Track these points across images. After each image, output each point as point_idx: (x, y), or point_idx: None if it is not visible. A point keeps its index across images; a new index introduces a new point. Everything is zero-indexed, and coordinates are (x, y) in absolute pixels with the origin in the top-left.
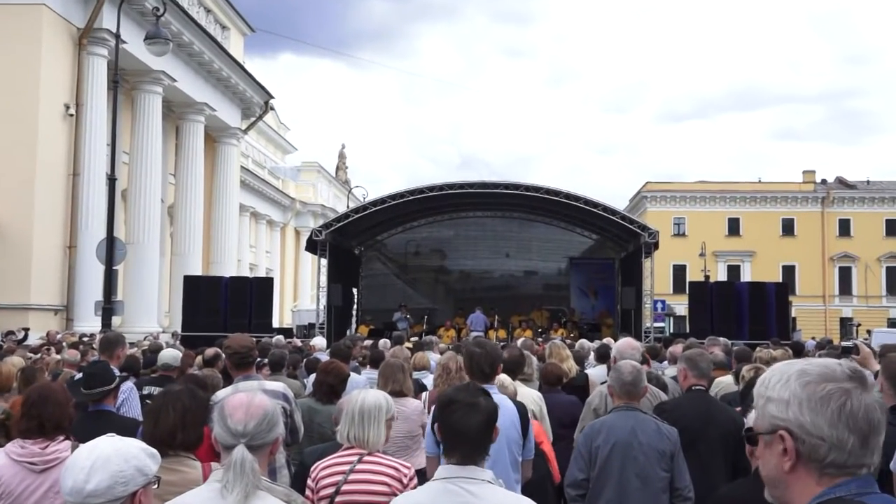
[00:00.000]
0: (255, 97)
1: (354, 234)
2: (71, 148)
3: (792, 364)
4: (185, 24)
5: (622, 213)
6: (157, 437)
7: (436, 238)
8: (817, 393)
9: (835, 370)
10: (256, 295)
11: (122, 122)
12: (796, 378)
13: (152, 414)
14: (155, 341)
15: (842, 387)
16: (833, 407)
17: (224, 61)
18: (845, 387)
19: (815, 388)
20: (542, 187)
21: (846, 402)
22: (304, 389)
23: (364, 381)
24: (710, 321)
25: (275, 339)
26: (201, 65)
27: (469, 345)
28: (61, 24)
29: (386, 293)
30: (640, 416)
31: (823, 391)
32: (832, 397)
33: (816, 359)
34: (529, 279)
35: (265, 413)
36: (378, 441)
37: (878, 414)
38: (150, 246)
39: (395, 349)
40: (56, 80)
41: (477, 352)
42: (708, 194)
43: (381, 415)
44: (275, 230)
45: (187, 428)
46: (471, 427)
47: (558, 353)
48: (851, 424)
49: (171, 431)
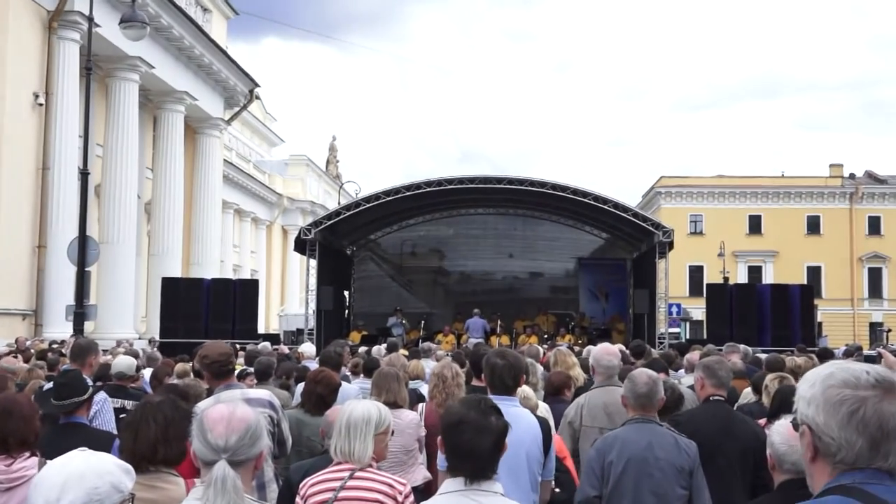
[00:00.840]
0: (239, 85)
1: (346, 232)
2: (40, 140)
3: (828, 366)
4: (164, 6)
5: (634, 210)
6: (138, 452)
7: (434, 237)
8: (833, 397)
9: (859, 377)
10: (240, 298)
11: (96, 113)
12: (822, 381)
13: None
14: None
15: (858, 394)
16: (844, 411)
17: (205, 46)
18: (862, 394)
19: (833, 392)
20: (548, 182)
21: (859, 408)
22: (291, 400)
23: (356, 391)
24: (730, 327)
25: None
26: (181, 50)
27: (490, 356)
28: (30, 7)
29: (380, 296)
30: (657, 430)
31: (839, 396)
32: (845, 402)
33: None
34: (534, 281)
35: (248, 426)
36: (364, 455)
37: (893, 422)
38: (125, 246)
39: (390, 357)
40: (24, 66)
41: (499, 363)
42: (727, 190)
43: (368, 427)
44: (260, 228)
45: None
46: (481, 450)
47: (564, 360)
48: (861, 429)
49: (153, 445)
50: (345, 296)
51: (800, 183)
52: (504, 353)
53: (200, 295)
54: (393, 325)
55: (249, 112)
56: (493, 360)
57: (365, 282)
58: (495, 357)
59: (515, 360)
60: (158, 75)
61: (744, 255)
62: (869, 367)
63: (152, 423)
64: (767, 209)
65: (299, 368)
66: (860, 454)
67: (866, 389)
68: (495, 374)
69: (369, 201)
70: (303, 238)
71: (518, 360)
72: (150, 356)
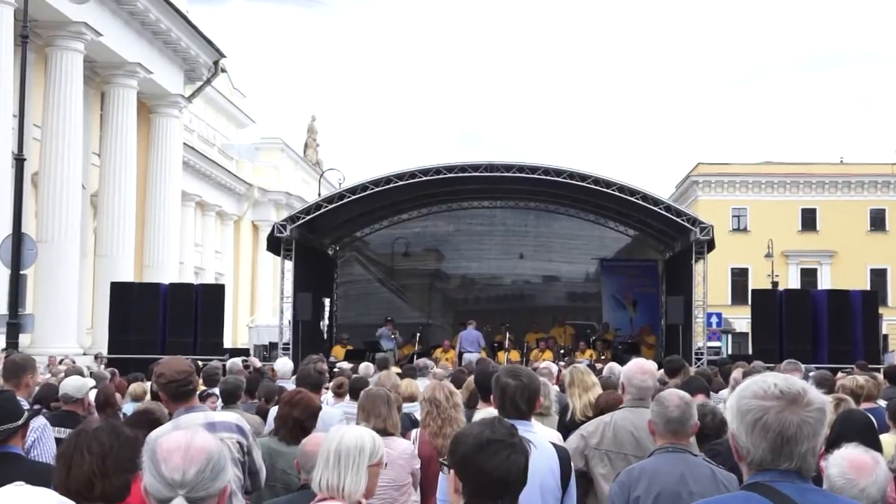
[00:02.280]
0: (202, 56)
1: (328, 229)
2: None
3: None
4: None
5: (667, 203)
6: (71, 489)
7: (431, 235)
8: (743, 407)
9: (767, 388)
10: (203, 307)
11: (33, 88)
12: (738, 392)
13: (63, 460)
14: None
15: (762, 404)
16: (749, 420)
17: (162, 11)
18: (766, 404)
19: (743, 402)
20: (565, 170)
21: (762, 417)
22: (263, 425)
23: (339, 415)
24: (779, 340)
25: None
26: (133, 15)
27: (501, 374)
28: None
29: (367, 304)
30: (691, 460)
31: (746, 406)
32: (751, 412)
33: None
34: (549, 287)
35: (209, 456)
36: (356, 490)
37: (793, 429)
38: (67, 245)
39: (379, 375)
40: None
41: (511, 384)
42: (776, 178)
43: (362, 458)
44: (227, 224)
45: (108, 475)
46: (516, 472)
47: (581, 379)
48: (763, 435)
49: (88, 480)
50: (326, 304)
51: (862, 171)
52: (517, 372)
53: (156, 303)
54: (383, 337)
55: (214, 87)
56: (505, 379)
57: (350, 287)
58: (507, 376)
59: (530, 380)
60: (106, 44)
61: (796, 255)
62: (779, 379)
63: (86, 455)
64: (823, 201)
65: (273, 389)
66: (764, 457)
67: (770, 400)
68: (507, 396)
69: (355, 192)
70: (277, 236)
71: (533, 380)
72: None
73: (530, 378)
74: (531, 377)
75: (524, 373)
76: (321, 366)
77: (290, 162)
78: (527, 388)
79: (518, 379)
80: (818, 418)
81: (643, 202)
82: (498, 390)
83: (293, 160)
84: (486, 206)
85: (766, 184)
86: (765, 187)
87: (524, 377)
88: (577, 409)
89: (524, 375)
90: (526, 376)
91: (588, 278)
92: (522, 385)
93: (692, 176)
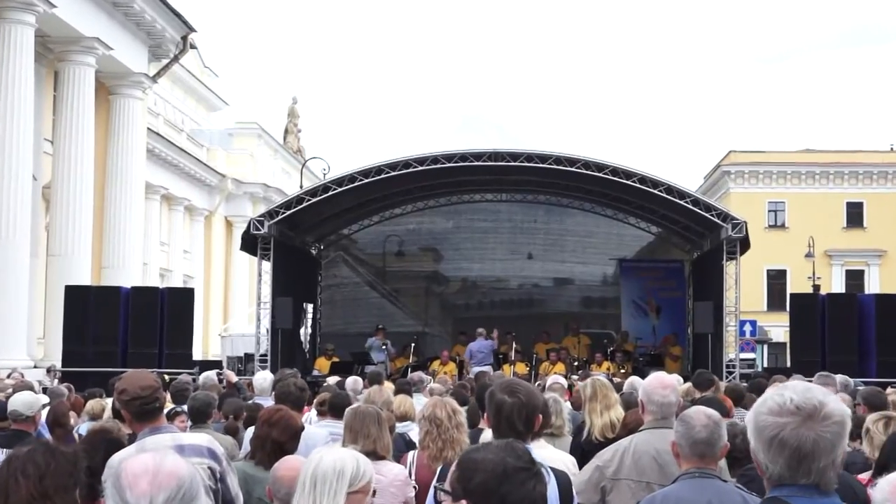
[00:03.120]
0: (169, 30)
1: (311, 225)
2: None
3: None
4: None
5: (695, 196)
6: None
7: (427, 232)
8: (759, 423)
9: (783, 404)
10: (170, 313)
11: None
12: (755, 408)
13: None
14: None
15: (778, 420)
16: (766, 436)
17: None
18: (782, 421)
19: (760, 418)
20: (579, 159)
21: (778, 433)
22: (238, 448)
23: (325, 436)
24: (822, 351)
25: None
26: None
27: (495, 390)
28: None
29: (356, 311)
30: (720, 486)
31: (762, 422)
32: (767, 428)
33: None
34: (562, 291)
35: (179, 482)
36: None
37: (809, 445)
38: (16, 243)
39: (369, 391)
40: None
41: (506, 401)
42: (817, 168)
43: (340, 483)
44: (197, 220)
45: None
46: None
47: (605, 394)
48: (779, 451)
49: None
50: (309, 310)
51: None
52: (513, 387)
53: (117, 309)
54: (373, 348)
55: (182, 66)
56: (500, 395)
57: (336, 292)
58: (502, 392)
59: (528, 397)
60: (60, 17)
61: (840, 255)
62: (796, 393)
63: (21, 479)
64: (871, 194)
65: (240, 405)
66: (783, 473)
67: (786, 416)
68: (502, 415)
69: (341, 184)
70: (253, 233)
71: (532, 397)
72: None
73: (529, 394)
74: (530, 393)
75: (522, 388)
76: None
77: (268, 150)
78: (525, 405)
79: (515, 395)
80: (836, 432)
81: (667, 195)
82: (492, 408)
83: (272, 148)
84: (490, 200)
85: (806, 174)
86: (805, 178)
87: (522, 393)
88: (595, 427)
89: (522, 391)
90: (524, 392)
91: (605, 281)
92: (520, 403)
93: (723, 166)
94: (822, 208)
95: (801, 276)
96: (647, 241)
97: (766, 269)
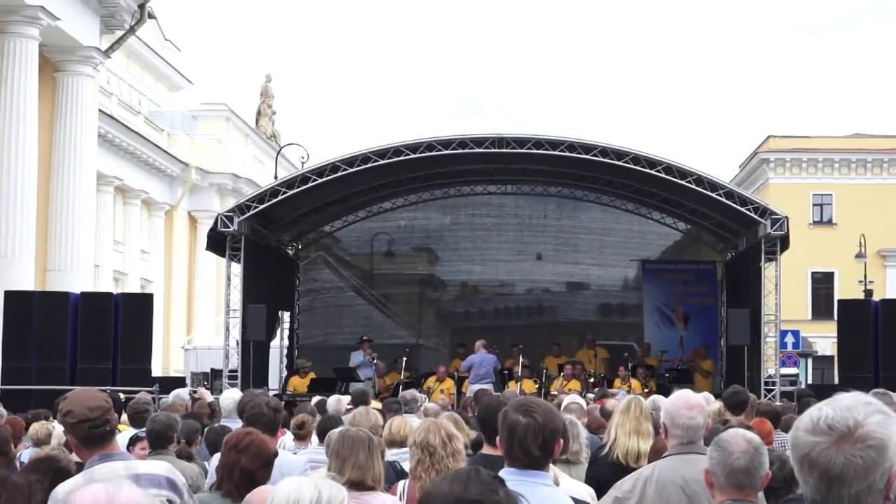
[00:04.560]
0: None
1: (288, 222)
2: None
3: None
4: None
5: (729, 188)
6: None
7: (421, 229)
8: (794, 440)
9: (816, 422)
10: (126, 323)
11: None
12: (795, 424)
13: None
14: None
15: (811, 439)
16: (798, 455)
17: None
18: (813, 440)
19: (795, 435)
20: (596, 145)
21: (808, 452)
22: (203, 477)
23: (302, 464)
24: (874, 365)
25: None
26: None
27: (509, 410)
28: None
29: (339, 320)
30: None
31: (796, 440)
32: (799, 446)
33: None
34: (575, 297)
35: None
36: None
37: (837, 469)
38: None
39: (355, 413)
40: None
41: (521, 423)
42: (869, 156)
43: None
44: (156, 216)
45: None
46: None
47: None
48: (808, 471)
49: None
50: (285, 319)
51: None
52: (528, 406)
53: (64, 318)
54: (359, 364)
55: (139, 38)
56: (513, 415)
57: (316, 298)
58: (516, 411)
59: (546, 417)
60: None
61: (895, 255)
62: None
63: None
64: None
65: (194, 427)
66: (814, 496)
67: (819, 435)
68: (514, 438)
69: (322, 174)
70: (221, 231)
71: (551, 417)
72: None
73: (548, 415)
74: (549, 413)
75: (540, 408)
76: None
77: (238, 135)
78: (542, 427)
79: (530, 415)
80: (871, 457)
81: (697, 186)
82: (505, 430)
83: (242, 133)
84: (493, 193)
85: (856, 163)
86: (855, 167)
87: (539, 413)
88: (618, 447)
89: (539, 411)
90: (542, 412)
91: (626, 286)
92: (536, 424)
93: (760, 153)
94: (874, 202)
95: (850, 279)
96: (673, 239)
97: (811, 271)
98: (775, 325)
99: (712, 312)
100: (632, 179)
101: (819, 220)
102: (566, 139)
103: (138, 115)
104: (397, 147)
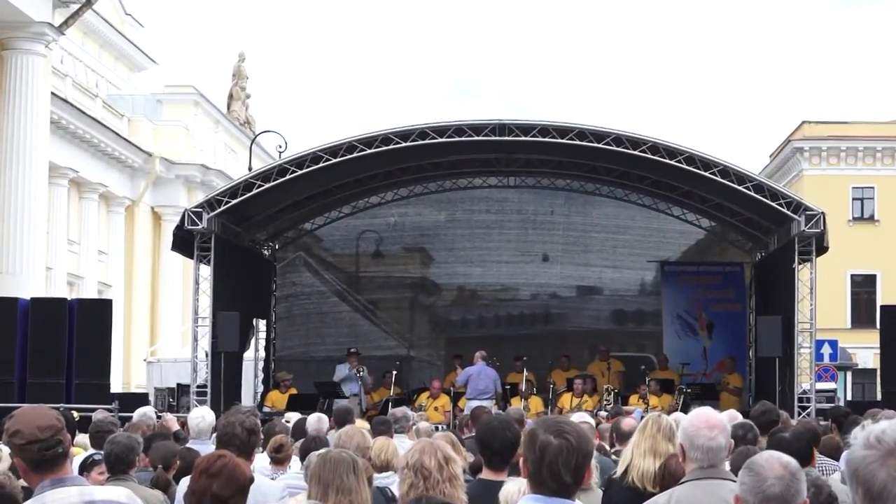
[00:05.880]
0: None
1: (263, 219)
2: None
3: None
4: None
5: (758, 181)
6: None
7: (413, 227)
8: (850, 453)
9: (868, 437)
10: (81, 332)
11: None
12: (853, 437)
13: None
14: None
15: (860, 453)
16: (848, 469)
17: None
18: (862, 454)
19: (852, 449)
20: (609, 132)
21: (857, 467)
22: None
23: (280, 490)
24: None
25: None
26: None
27: (538, 429)
28: None
29: (321, 329)
30: None
31: (852, 454)
32: (852, 460)
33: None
34: (587, 303)
35: None
36: None
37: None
38: None
39: (340, 433)
40: None
41: (552, 444)
42: None
43: None
44: (115, 212)
45: None
46: None
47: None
48: (854, 486)
49: None
50: (261, 328)
51: None
52: (560, 427)
53: (12, 326)
54: (344, 378)
55: (96, 13)
56: (543, 436)
57: (295, 304)
58: (546, 431)
59: (581, 440)
60: None
61: None
62: (889, 426)
63: None
64: None
65: (171, 450)
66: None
67: (868, 449)
68: (544, 461)
69: (302, 165)
70: (188, 229)
71: (584, 441)
72: None
73: (581, 437)
74: (582, 436)
75: (572, 429)
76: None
77: (207, 121)
78: (576, 451)
79: (563, 437)
80: None
81: (723, 179)
82: (533, 453)
83: (212, 118)
84: (493, 186)
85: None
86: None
87: (572, 435)
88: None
89: (573, 433)
90: (575, 434)
91: (643, 290)
92: (569, 446)
93: (794, 141)
94: None
95: (894, 283)
96: (695, 238)
97: (850, 274)
98: (810, 334)
99: (739, 320)
100: (649, 171)
101: (859, 216)
102: (575, 126)
103: (96, 99)
104: (386, 135)
